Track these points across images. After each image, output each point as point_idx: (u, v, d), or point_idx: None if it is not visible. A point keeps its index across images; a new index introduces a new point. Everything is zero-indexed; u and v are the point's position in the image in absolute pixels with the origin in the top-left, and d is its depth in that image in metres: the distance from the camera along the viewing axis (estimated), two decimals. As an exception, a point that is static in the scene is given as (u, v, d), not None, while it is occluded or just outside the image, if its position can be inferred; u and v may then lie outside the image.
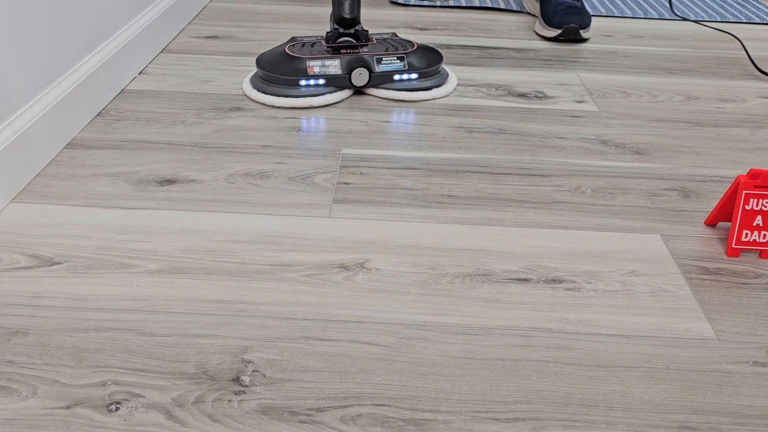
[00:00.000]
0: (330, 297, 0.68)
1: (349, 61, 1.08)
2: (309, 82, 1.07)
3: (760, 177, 0.74)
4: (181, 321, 0.64)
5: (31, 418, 0.54)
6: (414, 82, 1.12)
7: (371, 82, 1.10)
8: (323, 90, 1.08)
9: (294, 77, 1.07)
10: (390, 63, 1.10)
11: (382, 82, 1.11)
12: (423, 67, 1.12)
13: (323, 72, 1.07)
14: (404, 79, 1.12)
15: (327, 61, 1.08)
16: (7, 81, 0.81)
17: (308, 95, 1.07)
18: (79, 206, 0.81)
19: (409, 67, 1.11)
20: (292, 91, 1.07)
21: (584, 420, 0.56)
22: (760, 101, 1.18)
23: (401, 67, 1.11)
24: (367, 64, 1.09)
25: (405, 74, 1.11)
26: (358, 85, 1.10)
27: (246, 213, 0.81)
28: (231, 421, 0.55)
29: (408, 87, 1.12)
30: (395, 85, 1.11)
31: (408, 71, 1.11)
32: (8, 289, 0.67)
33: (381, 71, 1.10)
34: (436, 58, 1.14)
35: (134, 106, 1.06)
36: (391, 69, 1.10)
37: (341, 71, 1.08)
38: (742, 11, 1.68)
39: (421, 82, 1.12)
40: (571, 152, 0.98)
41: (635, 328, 0.66)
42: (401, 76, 1.11)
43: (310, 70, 1.07)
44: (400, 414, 0.56)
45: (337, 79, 1.08)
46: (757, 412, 0.58)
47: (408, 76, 1.12)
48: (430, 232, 0.79)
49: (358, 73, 1.08)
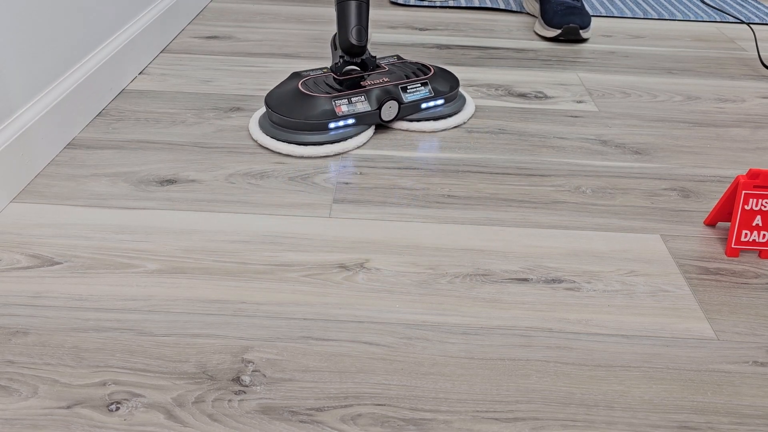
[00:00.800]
0: (330, 297, 0.68)
1: (377, 95, 0.97)
2: (339, 123, 0.95)
3: (759, 177, 0.74)
4: (181, 321, 0.64)
5: (31, 418, 0.54)
6: (440, 109, 1.03)
7: (399, 114, 1.00)
8: (353, 130, 0.96)
9: (323, 120, 0.93)
10: (416, 91, 1.00)
11: (410, 113, 1.01)
12: (447, 91, 1.03)
13: (352, 111, 0.95)
14: (431, 107, 1.02)
15: (354, 97, 0.96)
16: (7, 81, 0.81)
17: (338, 140, 0.94)
18: (79, 206, 0.81)
19: (435, 92, 1.02)
20: (319, 137, 0.94)
21: (584, 420, 0.56)
22: (760, 101, 1.18)
23: (427, 93, 1.01)
24: (395, 95, 0.98)
25: (432, 101, 1.02)
26: (388, 119, 0.99)
27: (246, 213, 0.81)
28: (231, 420, 0.55)
29: (434, 115, 1.02)
30: (422, 114, 1.02)
31: (434, 98, 1.02)
32: (8, 289, 0.67)
33: (409, 101, 1.00)
34: (454, 80, 1.06)
35: (134, 106, 1.06)
36: (418, 97, 1.00)
37: (370, 107, 0.96)
38: (742, 11, 1.68)
39: (447, 108, 1.04)
40: (571, 152, 0.98)
41: (635, 328, 0.66)
42: (428, 103, 1.02)
43: (339, 110, 0.94)
44: (400, 414, 0.56)
45: (368, 116, 0.97)
46: (757, 412, 0.58)
47: (435, 103, 1.02)
48: (430, 232, 0.79)
49: (388, 107, 0.97)
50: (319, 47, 1.35)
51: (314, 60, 1.28)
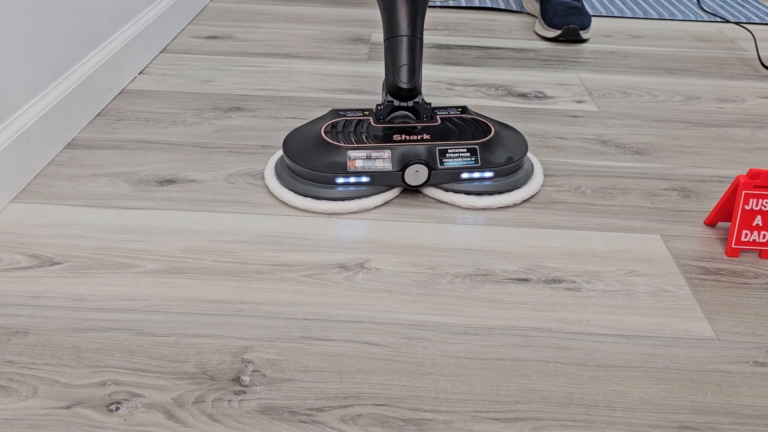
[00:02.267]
0: (330, 297, 0.68)
1: (402, 153, 0.81)
2: (349, 179, 0.81)
3: (759, 177, 0.74)
4: (181, 321, 0.64)
5: (31, 418, 0.54)
6: (487, 183, 0.83)
7: (430, 181, 0.82)
8: (367, 190, 0.82)
9: (329, 173, 0.81)
10: (457, 156, 0.82)
11: (446, 181, 0.83)
12: (502, 163, 0.84)
13: (368, 167, 0.81)
14: (475, 178, 0.83)
15: (374, 152, 0.81)
16: (7, 81, 0.81)
17: (347, 197, 0.81)
18: (79, 206, 0.81)
19: (482, 162, 0.83)
20: (325, 191, 0.81)
21: (584, 420, 0.56)
22: (760, 101, 1.18)
23: (472, 162, 0.82)
24: (426, 159, 0.82)
25: (476, 172, 0.83)
26: (414, 184, 0.82)
27: (246, 213, 0.81)
28: (231, 421, 0.55)
29: (479, 189, 0.83)
30: (462, 186, 0.83)
31: (481, 169, 0.83)
32: (8, 289, 0.67)
33: (445, 168, 0.82)
34: (519, 148, 0.86)
35: (134, 106, 1.06)
36: (458, 165, 0.82)
37: (392, 167, 0.81)
38: (742, 11, 1.68)
39: (497, 182, 0.84)
40: (571, 152, 0.98)
41: (635, 328, 0.66)
42: (471, 174, 0.83)
43: (351, 165, 0.81)
44: (400, 414, 0.56)
45: (386, 176, 0.81)
46: (757, 412, 0.58)
47: (480, 175, 0.83)
48: (430, 232, 0.79)
49: (414, 171, 0.81)
50: (319, 47, 1.35)
51: (314, 60, 1.28)
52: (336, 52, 1.32)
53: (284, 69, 1.23)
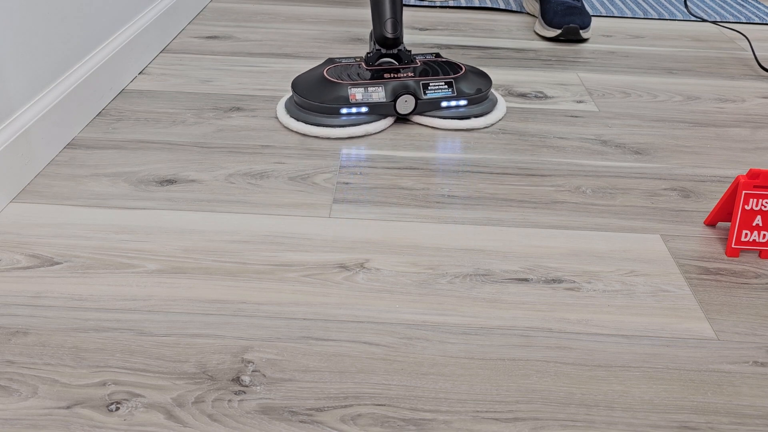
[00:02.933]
0: (330, 297, 0.68)
1: (394, 87, 1.01)
2: (351, 110, 1.00)
3: (759, 177, 0.74)
4: (181, 321, 0.64)
5: (31, 418, 0.54)
6: (462, 109, 1.04)
7: (417, 110, 1.02)
8: (366, 118, 1.01)
9: (335, 105, 0.99)
10: (438, 89, 1.02)
11: (429, 110, 1.03)
12: (473, 93, 1.04)
13: (366, 100, 1.00)
14: (452, 106, 1.03)
15: (370, 87, 1.00)
16: (7, 81, 0.81)
17: (350, 125, 1.00)
18: (79, 206, 0.81)
19: (458, 93, 1.03)
20: (332, 120, 0.99)
21: (584, 420, 0.56)
22: (760, 101, 1.18)
23: (449, 93, 1.02)
24: (413, 90, 1.01)
25: (453, 101, 1.03)
26: (404, 113, 1.02)
27: (246, 213, 0.81)
28: (231, 421, 0.55)
29: (456, 114, 1.03)
30: (442, 113, 1.03)
31: (456, 98, 1.03)
32: (8, 289, 0.67)
33: (428, 98, 1.02)
34: (485, 83, 1.07)
35: (134, 106, 1.06)
36: (438, 95, 1.02)
37: (386, 98, 1.00)
38: (742, 11, 1.68)
39: (470, 109, 1.04)
40: (571, 152, 0.98)
41: (635, 328, 0.66)
42: (449, 102, 1.03)
43: (353, 98, 0.99)
44: (400, 414, 0.56)
45: (381, 106, 1.01)
46: (757, 412, 0.58)
47: (456, 103, 1.03)
48: (430, 232, 0.79)
49: (403, 101, 1.00)
50: (319, 47, 1.35)
51: (314, 60, 1.28)
52: (336, 52, 1.32)
53: (284, 69, 1.23)
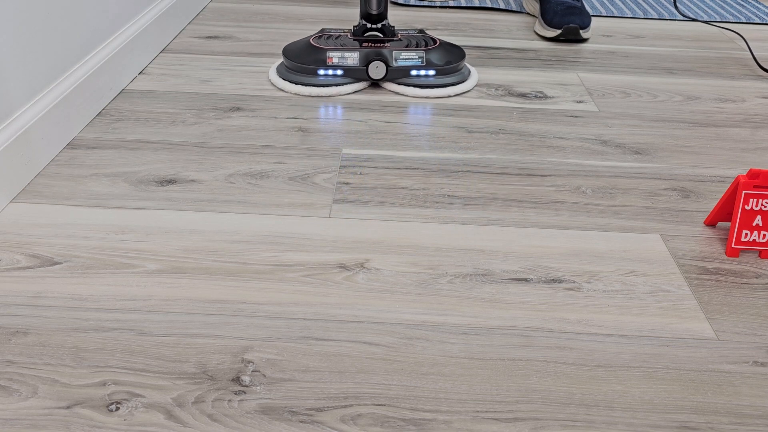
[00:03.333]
0: (330, 297, 0.68)
1: (367, 53, 1.11)
2: (327, 72, 1.11)
3: (759, 177, 0.74)
4: (181, 321, 0.64)
5: (31, 418, 0.54)
6: (431, 79, 1.13)
7: (388, 76, 1.12)
8: (341, 80, 1.11)
9: (313, 66, 1.11)
10: (408, 58, 1.11)
11: (399, 77, 1.12)
12: (441, 64, 1.13)
13: (341, 63, 1.11)
14: (421, 75, 1.12)
15: (346, 52, 1.11)
16: (7, 81, 0.81)
17: (325, 84, 1.11)
18: (79, 206, 0.81)
19: (427, 63, 1.12)
20: (310, 79, 1.11)
21: (584, 420, 0.56)
22: (760, 101, 1.18)
23: (419, 62, 1.12)
24: (385, 57, 1.11)
25: (422, 70, 1.12)
26: (375, 77, 1.11)
27: (246, 213, 0.81)
28: (231, 421, 0.55)
29: (425, 83, 1.12)
30: (412, 80, 1.13)
31: (426, 67, 1.12)
32: (8, 289, 0.67)
33: (398, 66, 1.11)
34: (456, 55, 1.15)
35: (134, 106, 1.06)
36: (408, 64, 1.11)
37: (359, 63, 1.11)
38: (742, 11, 1.68)
39: (438, 79, 1.13)
40: (571, 152, 0.98)
41: (635, 328, 0.66)
42: (418, 71, 1.12)
43: (329, 61, 1.10)
44: (400, 414, 0.56)
45: (355, 70, 1.11)
46: (757, 412, 0.58)
47: (425, 72, 1.12)
48: (430, 232, 0.79)
49: (375, 66, 1.10)
50: (319, 47, 1.35)
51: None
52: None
53: (284, 69, 1.23)
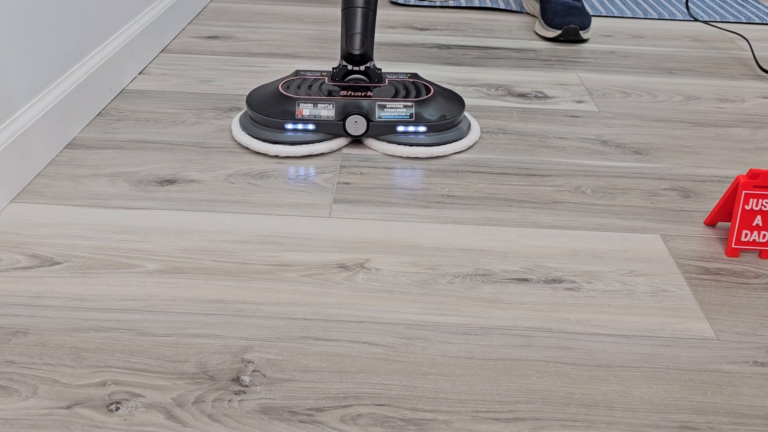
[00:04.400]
0: (330, 297, 0.68)
1: (344, 105, 0.92)
2: (297, 126, 0.92)
3: (759, 177, 0.74)
4: (181, 321, 0.64)
5: (31, 418, 0.54)
6: (422, 137, 0.94)
7: (369, 132, 0.93)
8: (313, 137, 0.93)
9: (280, 119, 0.92)
10: (393, 111, 0.93)
11: (383, 133, 0.94)
12: (434, 120, 0.94)
13: (314, 116, 0.92)
14: (410, 131, 0.94)
15: (320, 104, 0.92)
16: (7, 81, 0.81)
17: (295, 142, 0.92)
18: (79, 206, 0.81)
19: (416, 117, 0.93)
20: (276, 135, 0.92)
21: (584, 420, 0.56)
22: (760, 101, 1.18)
23: (406, 117, 0.93)
24: (365, 110, 0.92)
25: (411, 126, 0.93)
26: (354, 134, 0.93)
27: (246, 213, 0.81)
28: (231, 421, 0.55)
29: (414, 141, 0.94)
30: (398, 138, 0.94)
31: (414, 123, 0.93)
32: (8, 289, 0.67)
33: (381, 121, 0.93)
34: (453, 107, 0.97)
35: (134, 106, 1.06)
36: (393, 118, 0.93)
37: (334, 117, 0.92)
38: (742, 11, 1.68)
39: (430, 137, 0.94)
40: (571, 152, 0.98)
41: (635, 328, 0.66)
42: (406, 127, 0.93)
43: (299, 113, 0.92)
44: (400, 414, 0.56)
45: (329, 125, 0.92)
46: (757, 412, 0.58)
47: (414, 128, 0.94)
48: (430, 232, 0.79)
49: (353, 121, 0.92)
50: (319, 47, 1.35)
51: (314, 60, 1.28)
52: (336, 52, 1.32)
53: (284, 69, 1.23)
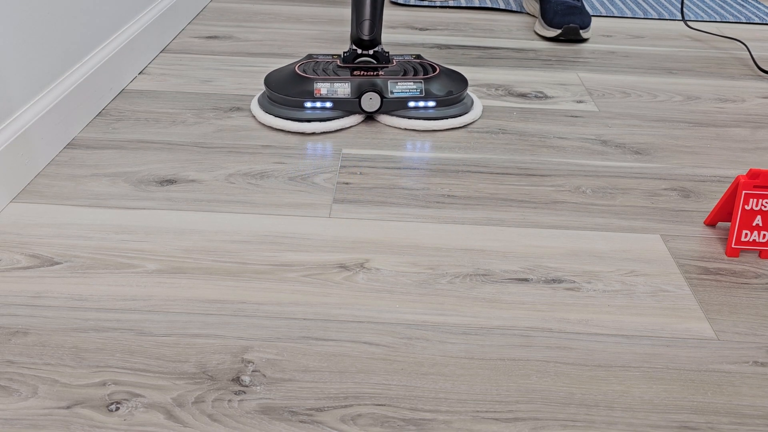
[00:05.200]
0: (330, 297, 0.68)
1: (359, 84, 1.00)
2: (315, 104, 1.00)
3: (759, 177, 0.74)
4: (181, 321, 0.64)
5: (31, 418, 0.54)
6: (431, 111, 1.02)
7: (383, 108, 1.01)
8: (330, 114, 1.00)
9: (299, 98, 1.00)
10: (405, 88, 1.01)
11: (396, 109, 1.02)
12: (442, 95, 1.02)
13: (331, 95, 0.99)
14: (420, 107, 1.02)
15: (336, 83, 1.00)
16: (7, 81, 0.81)
17: (314, 119, 0.99)
18: (79, 206, 0.81)
19: (426, 94, 1.02)
20: (297, 113, 1.00)
21: (584, 420, 0.56)
22: (760, 101, 1.18)
23: (417, 93, 1.01)
24: (379, 88, 1.00)
25: (421, 101, 1.02)
26: (369, 110, 1.01)
27: (246, 213, 0.81)
28: (231, 421, 0.55)
29: (424, 115, 1.02)
30: (410, 113, 1.02)
31: (424, 98, 1.02)
32: (8, 289, 0.67)
33: (394, 97, 1.01)
34: (458, 84, 1.05)
35: (134, 106, 1.06)
36: (405, 95, 1.01)
37: (350, 95, 1.00)
38: (742, 11, 1.68)
39: (439, 111, 1.02)
40: (571, 152, 0.98)
41: (635, 328, 0.66)
42: (417, 103, 1.02)
43: (317, 92, 0.99)
44: (400, 414, 0.56)
45: (346, 102, 1.00)
46: (757, 412, 0.58)
47: (424, 104, 1.02)
48: (430, 232, 0.79)
49: (368, 98, 1.00)
50: (319, 47, 1.35)
51: (314, 60, 1.28)
52: (336, 53, 1.32)
53: (284, 69, 1.23)
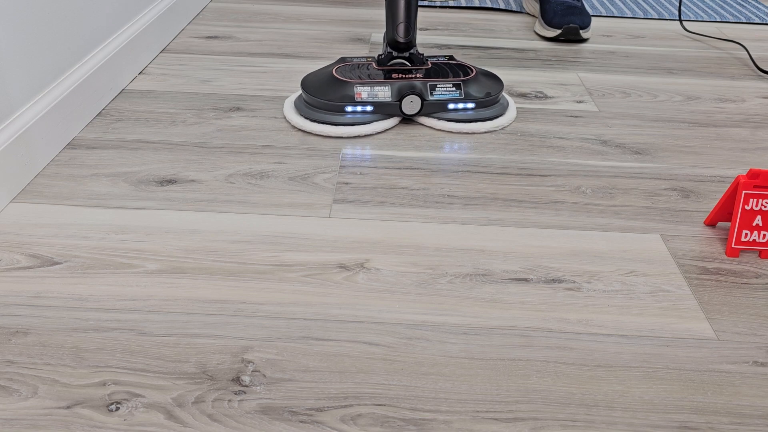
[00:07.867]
0: (330, 297, 0.68)
1: (400, 87, 1.01)
2: (356, 108, 1.00)
3: (759, 177, 0.74)
4: (181, 321, 0.64)
5: (31, 418, 0.54)
6: (470, 112, 1.03)
7: (423, 111, 1.02)
8: (371, 117, 1.00)
9: (340, 103, 0.99)
10: (445, 91, 1.02)
11: (435, 111, 1.02)
12: (481, 97, 1.03)
13: (371, 99, 1.00)
14: (459, 109, 1.03)
15: (376, 86, 1.00)
16: (7, 81, 0.81)
17: (355, 123, 1.00)
18: (79, 206, 0.81)
19: (465, 96, 1.02)
20: (337, 118, 1.00)
21: (584, 420, 0.56)
22: (760, 101, 1.18)
23: (457, 95, 1.02)
24: (420, 91, 1.01)
25: (461, 103, 1.02)
26: (409, 113, 1.02)
27: (246, 213, 0.81)
28: (231, 421, 0.55)
29: (463, 117, 1.02)
30: (449, 115, 1.02)
31: (464, 100, 1.02)
32: (8, 289, 0.67)
33: (434, 99, 1.01)
34: (495, 86, 1.06)
35: (134, 106, 1.06)
36: (445, 97, 1.02)
37: (391, 98, 1.00)
38: (742, 11, 1.68)
39: (477, 113, 1.03)
40: (571, 152, 0.98)
41: (635, 328, 0.66)
42: (456, 105, 1.02)
43: (358, 96, 1.00)
44: (400, 414, 0.56)
45: (387, 106, 1.00)
46: (757, 412, 0.58)
47: (464, 106, 1.03)
48: (430, 232, 0.79)
49: (409, 101, 1.00)
50: (319, 47, 1.35)
51: (314, 60, 1.28)
52: (336, 52, 1.32)
53: (284, 69, 1.23)
